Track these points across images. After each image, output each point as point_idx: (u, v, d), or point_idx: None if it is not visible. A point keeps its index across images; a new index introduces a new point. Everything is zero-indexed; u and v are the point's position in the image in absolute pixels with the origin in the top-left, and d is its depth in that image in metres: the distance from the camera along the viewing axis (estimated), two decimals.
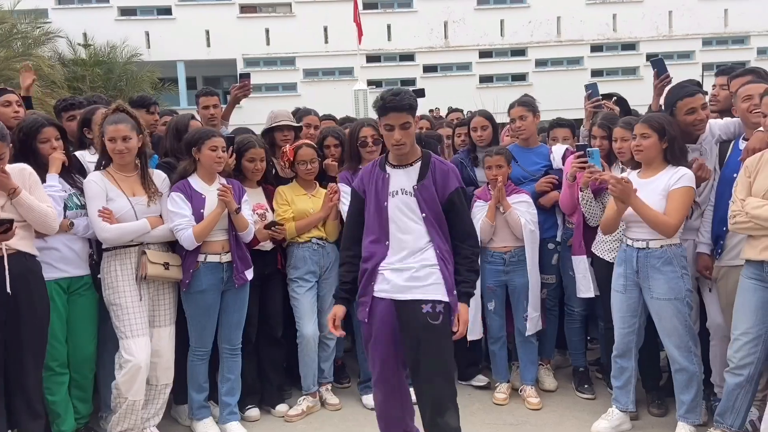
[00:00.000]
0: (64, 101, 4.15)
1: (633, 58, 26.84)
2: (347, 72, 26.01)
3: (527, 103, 4.14)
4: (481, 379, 4.12)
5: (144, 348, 3.19)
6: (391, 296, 2.72)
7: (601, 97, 4.25)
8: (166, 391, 3.40)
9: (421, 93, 5.93)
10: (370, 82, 22.30)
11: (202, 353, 3.50)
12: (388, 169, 2.79)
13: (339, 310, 2.84)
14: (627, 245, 3.33)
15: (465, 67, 27.49)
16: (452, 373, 2.74)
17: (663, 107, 3.72)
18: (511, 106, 4.17)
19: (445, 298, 2.68)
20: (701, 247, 3.42)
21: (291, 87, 26.59)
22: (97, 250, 3.39)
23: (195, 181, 3.47)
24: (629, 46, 27.33)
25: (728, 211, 3.07)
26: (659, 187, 3.21)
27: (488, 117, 4.43)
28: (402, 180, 2.75)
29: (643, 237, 3.26)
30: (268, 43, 26.52)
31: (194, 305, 3.43)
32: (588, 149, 3.54)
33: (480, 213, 3.87)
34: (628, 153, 3.48)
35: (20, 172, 3.01)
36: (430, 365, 2.65)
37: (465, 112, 7.28)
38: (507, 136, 4.72)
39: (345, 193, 3.81)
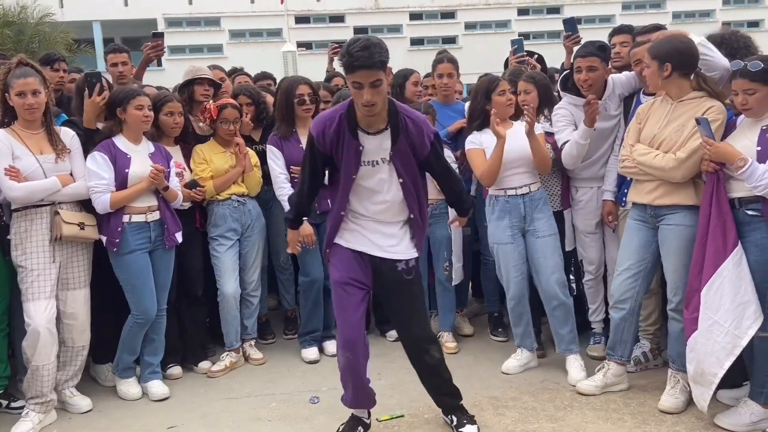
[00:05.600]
0: None
1: (558, 22, 27.37)
2: (275, 33, 25.43)
3: (455, 61, 4.28)
4: (392, 335, 4.24)
5: (43, 312, 3.10)
6: (365, 250, 2.75)
7: (525, 53, 4.41)
8: (83, 353, 3.37)
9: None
10: (299, 44, 21.89)
11: (143, 321, 3.40)
12: (362, 137, 2.59)
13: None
14: (509, 196, 3.53)
15: (396, 29, 27.39)
16: (427, 316, 2.98)
17: None
18: (440, 61, 4.25)
19: (415, 254, 2.79)
20: (606, 194, 3.65)
21: (217, 48, 25.78)
22: (6, 212, 3.28)
23: (120, 142, 3.41)
24: (554, 10, 27.92)
25: (619, 154, 3.30)
26: (521, 134, 3.43)
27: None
28: (376, 148, 2.59)
29: (524, 183, 3.51)
30: (190, 3, 25.48)
31: (125, 268, 3.36)
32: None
33: None
34: (534, 103, 3.73)
35: None
36: (408, 311, 2.81)
37: None
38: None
39: (276, 157, 3.83)
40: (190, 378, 3.75)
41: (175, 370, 3.76)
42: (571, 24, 4.24)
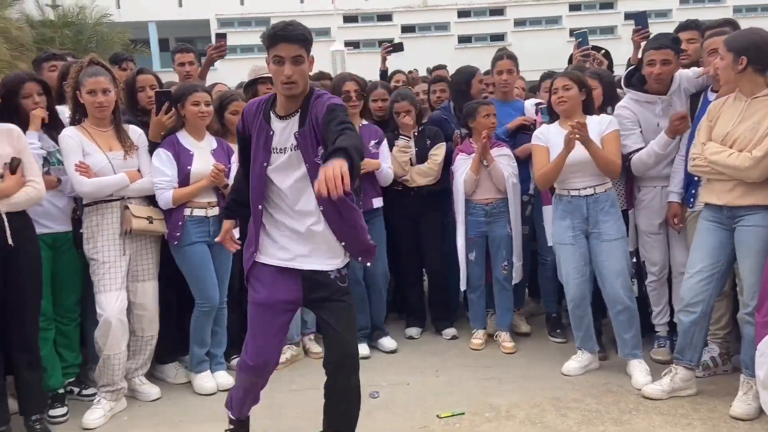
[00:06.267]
0: (45, 52, 4.13)
1: (611, 17, 26.80)
2: (324, 33, 25.59)
3: (514, 58, 4.24)
4: (449, 333, 4.26)
5: (115, 302, 3.20)
6: (288, 264, 2.48)
7: (590, 46, 4.32)
8: (152, 342, 3.47)
9: (399, 47, 5.91)
10: (347, 43, 21.97)
11: (208, 308, 3.48)
12: (273, 121, 2.46)
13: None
14: (572, 196, 3.46)
15: (443, 27, 27.23)
16: (357, 332, 2.57)
17: None
18: (500, 58, 4.22)
19: (344, 261, 2.50)
20: (672, 195, 3.54)
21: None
22: (80, 206, 3.41)
23: (183, 137, 3.50)
24: (607, 5, 27.26)
25: (689, 153, 3.21)
26: (593, 133, 3.36)
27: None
28: (285, 134, 2.44)
29: (589, 184, 3.43)
30: (242, 3, 25.96)
31: (187, 259, 3.45)
32: (540, 107, 3.65)
33: (463, 166, 3.96)
34: (598, 100, 3.68)
35: (8, 133, 2.96)
36: (343, 323, 2.46)
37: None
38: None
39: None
40: None
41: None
42: (642, 18, 4.14)
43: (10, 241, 2.87)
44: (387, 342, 4.06)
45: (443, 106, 4.57)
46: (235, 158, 3.67)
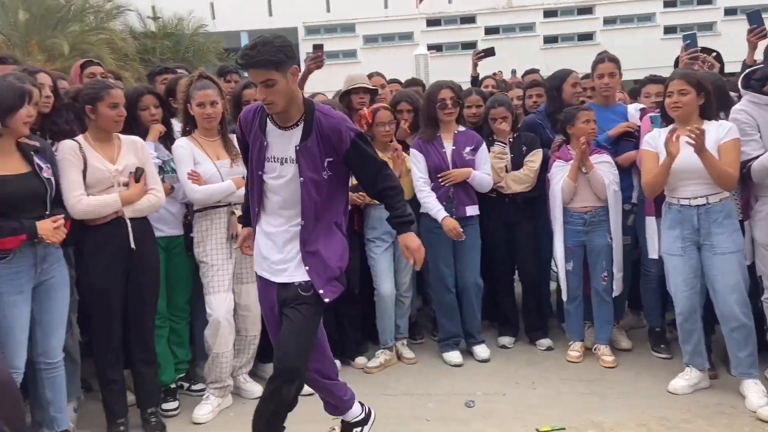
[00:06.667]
0: (158, 66, 4.39)
1: (709, 13, 25.38)
2: (407, 37, 25.79)
3: (616, 60, 4.10)
4: (544, 343, 4.16)
5: (223, 304, 3.35)
6: (268, 277, 2.63)
7: (699, 48, 4.12)
8: (255, 342, 3.60)
9: (490, 52, 5.84)
10: (430, 47, 22.00)
11: None
12: (270, 129, 2.50)
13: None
14: (681, 205, 3.29)
15: (528, 27, 26.74)
16: (304, 347, 2.53)
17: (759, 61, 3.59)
18: (601, 61, 4.10)
19: (304, 278, 2.52)
20: None
21: (351, 54, 26.62)
22: (191, 211, 3.60)
23: None
24: (706, 1, 25.83)
25: None
26: (710, 141, 3.17)
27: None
28: (283, 144, 2.48)
29: (701, 194, 3.24)
30: (328, 10, 26.55)
31: None
32: (650, 116, 3.50)
33: (560, 173, 3.88)
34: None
35: (133, 145, 3.19)
36: (285, 332, 2.53)
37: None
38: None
39: (417, 161, 3.92)
40: (348, 372, 3.86)
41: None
42: (757, 17, 3.88)
43: (132, 245, 3.08)
44: (480, 350, 4.03)
45: (538, 110, 4.49)
46: None
